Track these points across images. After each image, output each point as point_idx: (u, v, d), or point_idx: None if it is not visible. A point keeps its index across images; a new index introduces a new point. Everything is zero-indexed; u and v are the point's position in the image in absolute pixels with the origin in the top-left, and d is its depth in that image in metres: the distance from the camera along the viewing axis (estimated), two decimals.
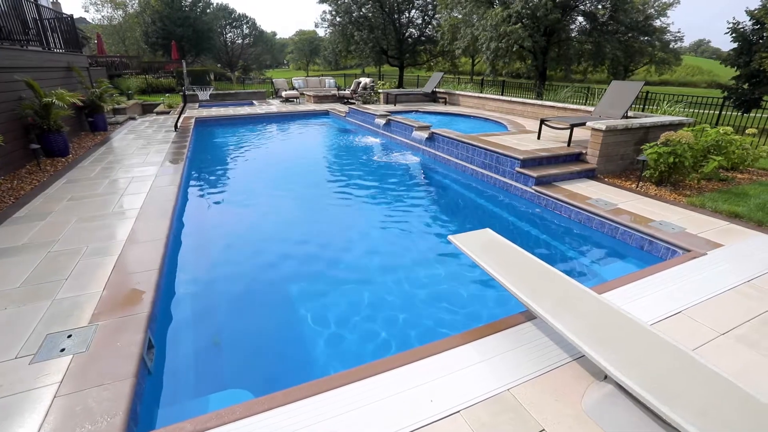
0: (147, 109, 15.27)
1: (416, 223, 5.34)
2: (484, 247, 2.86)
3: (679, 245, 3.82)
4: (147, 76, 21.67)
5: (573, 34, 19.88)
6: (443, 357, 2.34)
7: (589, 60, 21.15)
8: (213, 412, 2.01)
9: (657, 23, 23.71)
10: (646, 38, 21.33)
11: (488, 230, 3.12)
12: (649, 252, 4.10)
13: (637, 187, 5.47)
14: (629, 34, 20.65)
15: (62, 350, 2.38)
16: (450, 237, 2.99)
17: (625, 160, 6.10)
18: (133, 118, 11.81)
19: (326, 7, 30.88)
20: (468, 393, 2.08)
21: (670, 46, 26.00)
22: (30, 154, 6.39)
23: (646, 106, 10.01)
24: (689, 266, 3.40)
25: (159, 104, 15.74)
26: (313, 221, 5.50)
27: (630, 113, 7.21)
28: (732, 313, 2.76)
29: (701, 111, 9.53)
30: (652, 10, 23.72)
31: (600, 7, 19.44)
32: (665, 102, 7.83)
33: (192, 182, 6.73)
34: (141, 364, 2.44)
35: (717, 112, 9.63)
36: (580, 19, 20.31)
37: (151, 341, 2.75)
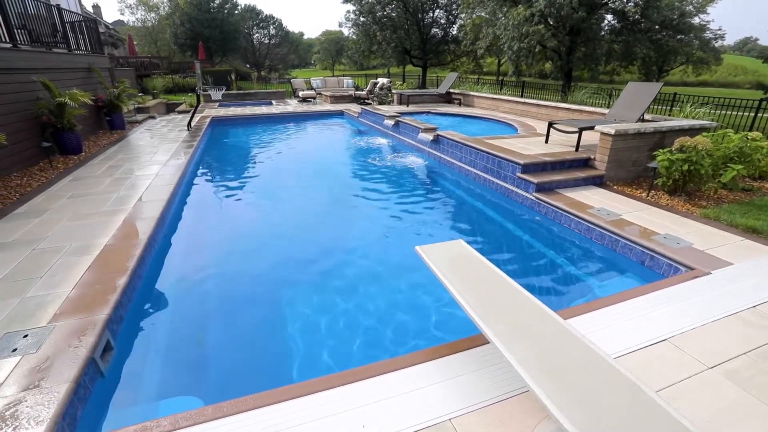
0: (171, 108, 15.79)
1: (411, 229, 5.18)
2: (452, 261, 2.68)
3: (681, 262, 3.49)
4: (174, 76, 22.42)
5: (602, 33, 19.00)
6: (390, 377, 2.20)
7: (617, 60, 20.15)
8: (138, 425, 1.96)
9: (696, 20, 22.38)
10: (681, 37, 20.12)
11: (460, 241, 2.95)
12: (650, 268, 3.78)
13: (647, 196, 5.10)
14: (663, 33, 19.56)
15: (14, 350, 2.40)
16: (417, 248, 2.83)
17: (638, 166, 5.71)
18: (153, 117, 12.19)
19: (350, 6, 31.01)
20: (406, 420, 1.93)
21: (710, 44, 24.48)
22: (44, 151, 6.64)
23: (674, 108, 9.40)
24: (688, 286, 3.10)
25: (181, 103, 16.23)
26: (306, 224, 5.43)
27: (648, 116, 6.78)
28: (727, 343, 2.47)
29: (734, 113, 8.84)
30: (691, 7, 22.40)
31: (631, 4, 18.50)
32: (689, 104, 7.28)
33: (194, 181, 6.83)
34: (90, 367, 2.43)
35: (752, 115, 8.90)
36: (609, 17, 19.41)
37: (110, 343, 2.75)
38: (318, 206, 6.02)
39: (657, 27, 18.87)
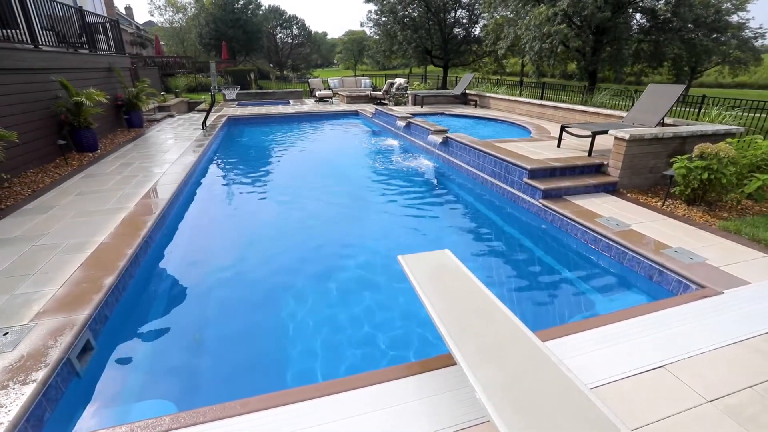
0: (192, 107, 16.16)
1: (413, 233, 5.05)
2: (433, 272, 2.56)
3: (692, 279, 3.24)
4: (197, 76, 22.94)
5: (629, 33, 18.21)
6: (350, 396, 2.10)
7: (646, 61, 19.26)
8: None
9: (734, 18, 21.18)
10: (716, 36, 19.05)
11: (446, 252, 2.81)
12: (658, 284, 3.54)
13: (662, 205, 4.80)
14: (696, 33, 18.55)
15: None
16: (399, 257, 2.72)
17: (655, 173, 5.40)
18: (172, 116, 12.48)
19: (372, 6, 30.99)
20: None
21: (749, 44, 23.11)
22: (60, 149, 6.85)
23: (703, 111, 8.86)
24: (695, 307, 2.86)
25: (202, 102, 16.59)
26: (309, 226, 5.38)
27: (670, 120, 6.42)
28: (732, 374, 2.25)
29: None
30: (729, 4, 21.23)
31: (662, 2, 17.65)
32: (715, 107, 6.82)
33: (202, 179, 6.91)
34: (64, 368, 2.43)
35: None
36: (638, 16, 18.60)
37: (90, 343, 2.76)
38: (322, 208, 5.96)
39: (690, 26, 17.93)
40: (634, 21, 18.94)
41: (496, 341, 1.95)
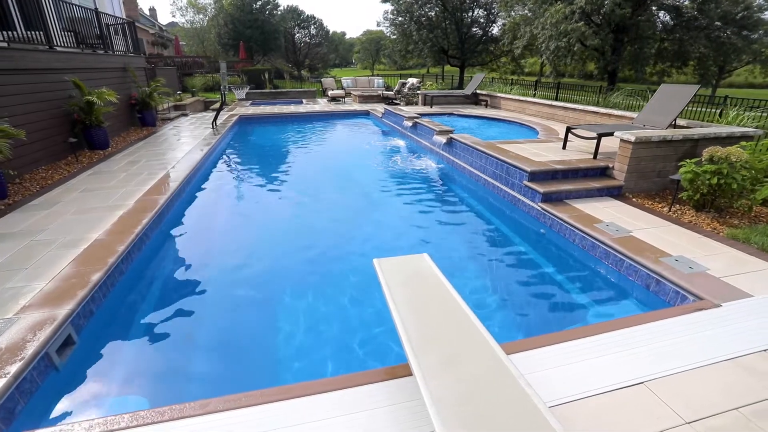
0: (208, 105, 16.49)
1: (411, 235, 4.99)
2: (407, 277, 2.50)
3: (689, 290, 3.07)
4: (214, 75, 23.37)
5: (652, 31, 17.59)
6: (315, 400, 2.06)
7: (669, 60, 18.57)
8: (54, 427, 1.95)
9: (766, 15, 20.22)
10: (746, 33, 18.22)
11: (424, 256, 2.74)
12: (655, 294, 3.37)
13: (669, 211, 4.59)
14: (724, 31, 17.77)
15: None
16: (375, 261, 2.67)
17: (664, 177, 5.17)
18: (186, 114, 12.73)
19: (389, 6, 30.99)
20: None
21: None
22: (74, 146, 7.05)
23: (723, 112, 8.46)
24: (688, 320, 2.71)
25: (217, 101, 16.89)
26: (305, 225, 5.38)
27: (683, 122, 6.15)
28: (718, 393, 2.11)
29: None
30: (761, 0, 20.28)
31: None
32: (733, 108, 6.49)
33: (207, 177, 7.01)
34: (41, 362, 2.48)
35: None
36: (661, 14, 17.97)
37: (71, 338, 2.81)
38: (322, 208, 5.96)
39: (717, 23, 17.20)
40: (658, 19, 18.29)
41: (457, 352, 1.88)
